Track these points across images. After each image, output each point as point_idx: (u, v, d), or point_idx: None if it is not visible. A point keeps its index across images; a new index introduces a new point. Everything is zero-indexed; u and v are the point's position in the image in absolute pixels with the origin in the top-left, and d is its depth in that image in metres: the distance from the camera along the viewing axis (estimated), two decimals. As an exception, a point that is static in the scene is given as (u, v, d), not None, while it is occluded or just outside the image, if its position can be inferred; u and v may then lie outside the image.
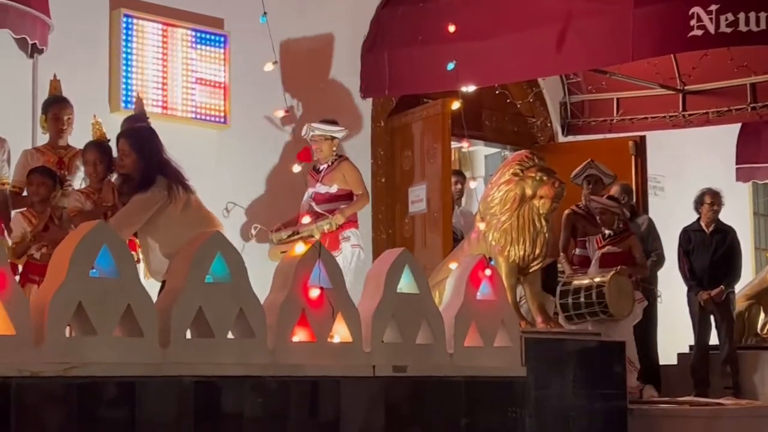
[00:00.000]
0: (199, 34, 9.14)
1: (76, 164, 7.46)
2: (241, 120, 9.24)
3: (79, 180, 7.42)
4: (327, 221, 8.43)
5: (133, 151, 6.73)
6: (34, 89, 8.08)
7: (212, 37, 9.22)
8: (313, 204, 8.60)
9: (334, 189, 8.63)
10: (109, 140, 7.24)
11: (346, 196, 8.65)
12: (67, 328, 4.97)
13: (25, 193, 7.25)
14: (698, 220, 9.60)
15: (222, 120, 9.21)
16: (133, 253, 7.17)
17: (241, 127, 9.22)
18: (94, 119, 7.43)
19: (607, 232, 8.91)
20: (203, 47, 9.16)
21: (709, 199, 9.51)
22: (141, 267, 7.17)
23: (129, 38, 8.73)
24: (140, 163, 6.71)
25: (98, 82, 8.57)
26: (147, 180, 6.64)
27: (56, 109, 7.48)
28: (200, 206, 6.93)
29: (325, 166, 8.70)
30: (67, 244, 5.00)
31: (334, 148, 8.76)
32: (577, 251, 9.16)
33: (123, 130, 7.16)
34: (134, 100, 8.37)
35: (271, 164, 9.49)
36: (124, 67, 8.66)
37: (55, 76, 7.70)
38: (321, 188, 8.62)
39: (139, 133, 6.93)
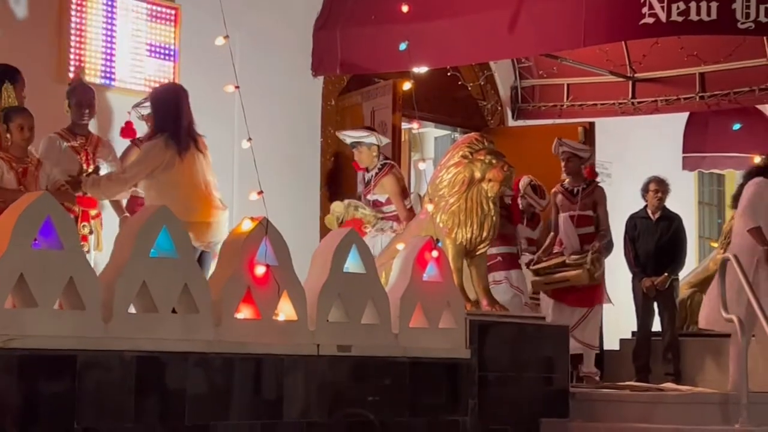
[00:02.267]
0: (149, 6, 9.03)
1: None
2: (191, 93, 9.12)
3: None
4: None
5: (152, 109, 7.01)
6: (-20, 58, 7.93)
7: (163, 10, 9.11)
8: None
9: None
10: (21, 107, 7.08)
11: None
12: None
13: None
14: (645, 207, 9.65)
15: (171, 93, 9.11)
16: (85, 224, 7.08)
17: (190, 100, 9.11)
18: (5, 86, 7.22)
19: None
20: (153, 19, 9.06)
21: (654, 187, 9.55)
22: (92, 238, 7.07)
23: (78, 8, 8.60)
24: (155, 120, 6.95)
25: (46, 52, 8.43)
26: (151, 136, 6.83)
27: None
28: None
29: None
30: (10, 214, 4.93)
31: None
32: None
33: (154, 87, 7.38)
34: (74, 69, 8.25)
35: (220, 138, 9.39)
36: (72, 38, 8.53)
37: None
38: None
39: (160, 92, 7.13)
